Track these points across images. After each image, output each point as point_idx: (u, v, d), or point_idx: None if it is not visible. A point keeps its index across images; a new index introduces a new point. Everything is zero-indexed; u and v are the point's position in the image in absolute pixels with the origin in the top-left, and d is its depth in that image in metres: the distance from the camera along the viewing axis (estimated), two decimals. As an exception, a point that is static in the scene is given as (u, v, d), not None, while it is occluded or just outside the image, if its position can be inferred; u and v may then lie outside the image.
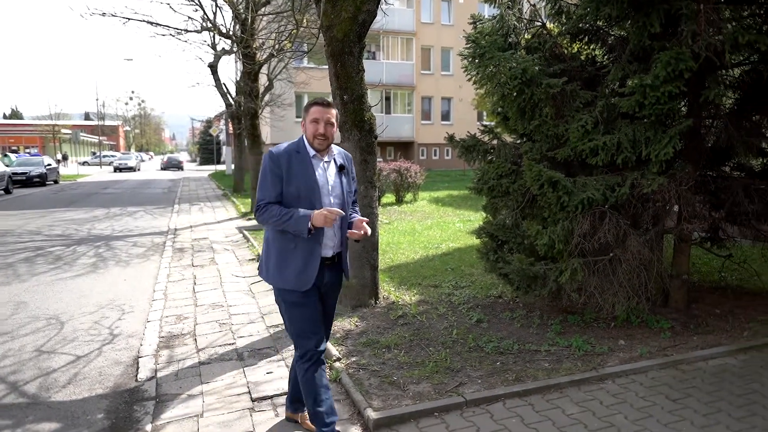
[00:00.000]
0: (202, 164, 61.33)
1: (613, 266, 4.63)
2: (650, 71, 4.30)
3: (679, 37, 4.39)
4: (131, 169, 45.26)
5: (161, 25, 12.56)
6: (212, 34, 15.98)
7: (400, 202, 15.51)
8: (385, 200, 15.49)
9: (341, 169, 3.07)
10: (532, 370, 3.96)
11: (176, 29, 13.07)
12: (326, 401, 2.93)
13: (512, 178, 5.09)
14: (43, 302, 6.21)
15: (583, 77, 5.12)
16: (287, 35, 13.38)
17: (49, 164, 27.48)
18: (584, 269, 4.55)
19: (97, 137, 60.46)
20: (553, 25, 5.49)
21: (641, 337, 4.57)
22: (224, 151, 40.40)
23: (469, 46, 5.15)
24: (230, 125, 26.29)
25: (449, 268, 7.25)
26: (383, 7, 6.52)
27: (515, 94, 4.82)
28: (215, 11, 14.81)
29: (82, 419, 3.53)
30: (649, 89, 4.27)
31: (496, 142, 5.55)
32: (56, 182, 28.41)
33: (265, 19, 14.69)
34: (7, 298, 6.40)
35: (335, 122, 2.98)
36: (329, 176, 3.01)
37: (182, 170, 47.68)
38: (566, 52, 5.36)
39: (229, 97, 19.15)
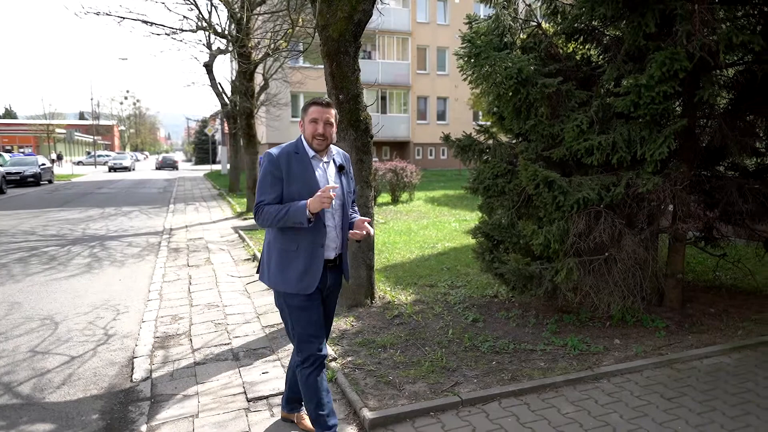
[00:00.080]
0: (197, 164, 61.17)
1: (608, 266, 4.65)
2: (645, 71, 4.32)
3: (673, 37, 4.40)
4: (126, 168, 45.09)
5: (156, 24, 12.49)
6: (207, 33, 15.91)
7: (395, 201, 15.52)
8: (380, 200, 15.49)
9: (341, 169, 3.03)
10: (527, 369, 3.96)
11: (171, 28, 13.00)
12: (328, 405, 2.93)
13: (508, 177, 5.10)
14: (37, 303, 6.19)
15: (578, 77, 5.13)
16: (283, 35, 13.34)
17: (43, 164, 27.36)
18: (580, 269, 4.56)
19: (91, 137, 60.32)
20: (548, 25, 5.50)
21: (636, 336, 4.59)
22: (220, 150, 40.26)
23: (464, 45, 5.15)
24: (226, 125, 26.27)
25: (445, 267, 7.26)
26: (379, 6, 6.53)
27: (511, 93, 4.83)
28: (210, 10, 14.81)
29: (76, 420, 3.52)
30: (644, 89, 4.28)
31: (491, 141, 5.56)
32: (50, 182, 28.30)
33: (260, 18, 14.65)
34: (0, 298, 6.36)
35: (334, 122, 2.92)
36: (329, 177, 2.96)
37: (177, 170, 47.64)
38: (561, 51, 5.38)
39: (224, 96, 19.09)
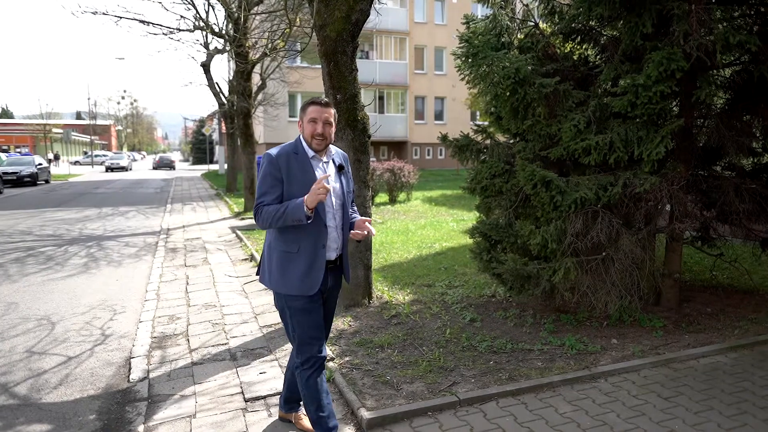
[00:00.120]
0: (194, 164, 61.12)
1: (605, 265, 4.65)
2: (642, 71, 4.33)
3: (670, 37, 4.41)
4: (123, 168, 45.03)
5: (153, 24, 12.48)
6: (205, 33, 15.93)
7: (393, 201, 15.52)
8: (378, 200, 15.50)
9: (340, 169, 3.00)
10: (525, 369, 3.97)
11: (168, 28, 13.00)
12: (328, 406, 2.92)
13: (505, 177, 5.11)
14: (33, 303, 6.17)
15: (575, 77, 5.14)
16: (280, 34, 13.34)
17: (39, 164, 27.33)
18: (577, 268, 4.57)
19: (88, 137, 60.14)
20: (545, 25, 5.51)
21: (634, 335, 4.59)
22: (217, 150, 40.25)
23: (462, 45, 5.16)
24: (223, 125, 26.22)
25: (442, 267, 7.26)
26: (376, 6, 6.53)
27: (508, 93, 4.83)
28: (208, 10, 14.75)
29: (73, 420, 3.51)
30: (641, 89, 4.29)
31: (489, 141, 5.57)
32: (47, 182, 28.26)
33: (257, 18, 14.65)
34: (-3, 298, 6.35)
35: (333, 122, 2.90)
36: (330, 177, 2.92)
37: (174, 170, 47.65)
38: (559, 51, 5.38)
39: (221, 96, 19.09)
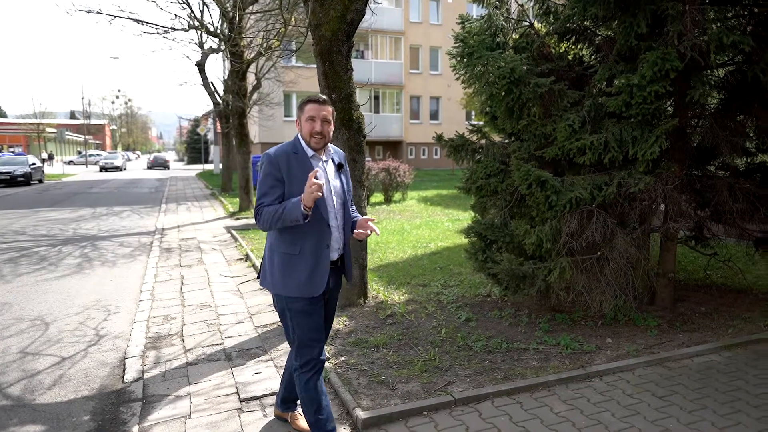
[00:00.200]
0: (189, 163, 60.95)
1: (600, 265, 4.67)
2: (637, 71, 4.34)
3: (665, 37, 4.43)
4: (117, 168, 44.83)
5: (148, 23, 12.44)
6: (199, 32, 15.88)
7: (388, 201, 15.52)
8: (373, 199, 15.49)
9: (340, 167, 2.97)
10: (520, 368, 3.97)
11: (163, 27, 12.96)
12: (326, 408, 2.90)
13: (500, 177, 5.11)
14: (27, 303, 6.13)
15: (570, 77, 5.15)
16: (275, 34, 13.32)
17: (33, 163, 27.16)
18: (572, 268, 4.58)
19: (82, 136, 59.89)
20: (540, 25, 5.52)
21: (628, 335, 4.61)
22: (212, 150, 40.14)
23: (457, 45, 5.16)
24: (218, 124, 26.17)
25: (438, 267, 7.27)
26: (372, 6, 6.52)
27: (503, 93, 4.84)
28: (202, 9, 14.79)
29: (67, 421, 3.49)
30: (635, 89, 4.30)
31: (484, 141, 5.57)
32: (41, 182, 28.11)
33: (252, 17, 14.61)
34: (-10, 299, 6.31)
35: (332, 119, 2.86)
36: (330, 176, 2.90)
37: (168, 169, 47.54)
38: (554, 51, 5.40)
39: (216, 96, 19.03)
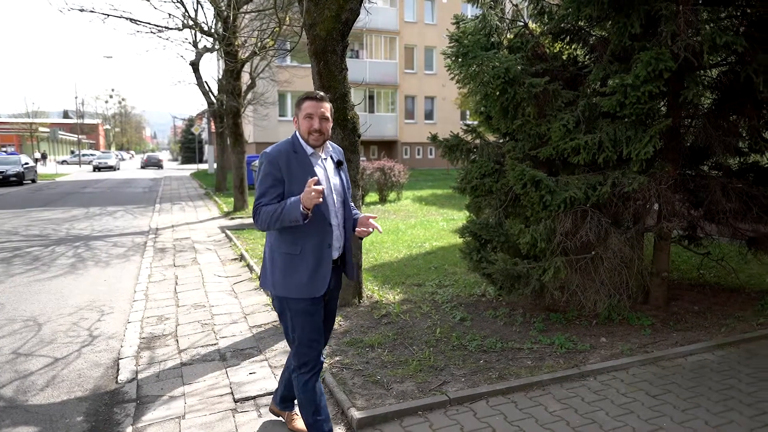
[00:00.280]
0: (183, 163, 60.74)
1: (594, 264, 4.68)
2: (631, 71, 4.36)
3: (658, 37, 4.45)
4: (111, 168, 44.64)
5: (141, 22, 12.38)
6: (194, 31, 15.83)
7: (383, 201, 15.52)
8: (368, 199, 15.49)
9: (339, 165, 2.94)
10: (515, 367, 3.98)
11: (157, 26, 12.89)
12: (324, 409, 2.89)
13: (495, 177, 5.12)
14: (19, 304, 6.09)
15: (564, 77, 5.16)
16: (270, 33, 13.29)
17: (26, 163, 27.02)
18: (566, 268, 4.59)
19: (76, 136, 59.50)
20: (535, 25, 5.53)
21: (622, 334, 4.62)
22: (206, 149, 40.02)
23: (452, 45, 5.16)
24: (212, 124, 26.07)
25: (433, 267, 7.27)
26: (366, 5, 6.52)
27: (498, 93, 4.85)
28: (197, 8, 14.67)
29: (60, 422, 3.47)
30: (629, 89, 4.32)
31: (479, 141, 5.58)
32: (34, 181, 27.95)
33: (247, 16, 14.58)
34: (-18, 299, 6.26)
35: (330, 116, 2.82)
36: (330, 174, 2.86)
37: (162, 168, 47.48)
38: (548, 51, 5.41)
39: (211, 95, 18.97)
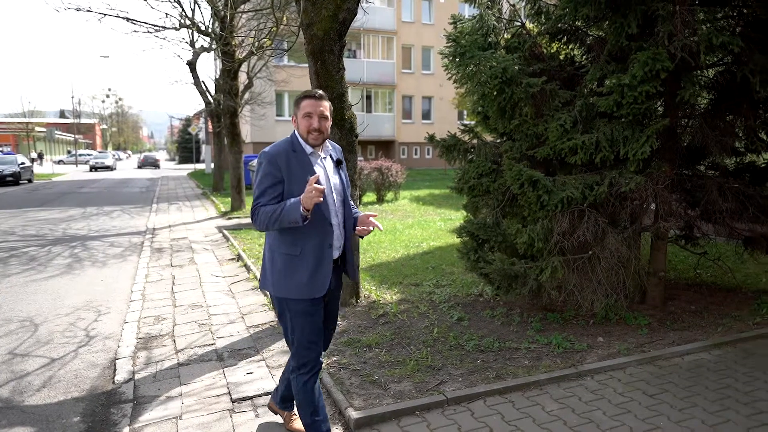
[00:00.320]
0: (180, 163, 60.63)
1: (591, 264, 4.69)
2: (628, 71, 4.36)
3: (655, 37, 4.45)
4: (108, 168, 44.54)
5: (138, 21, 12.37)
6: (191, 31, 15.81)
7: (381, 201, 15.52)
8: (366, 199, 15.48)
9: (338, 163, 2.92)
10: (512, 367, 3.99)
11: (154, 26, 12.88)
12: (322, 410, 2.89)
13: (492, 177, 5.12)
14: (16, 304, 6.07)
15: (562, 77, 5.17)
16: (267, 33, 13.28)
17: (22, 163, 26.95)
18: (564, 267, 4.60)
19: (72, 135, 59.35)
20: (532, 25, 5.53)
21: (619, 333, 4.63)
22: (204, 149, 39.99)
23: (449, 45, 5.16)
24: (209, 123, 26.05)
25: (430, 266, 7.27)
26: (364, 5, 6.52)
27: (495, 93, 4.85)
28: (194, 8, 14.72)
29: (57, 423, 3.46)
30: (626, 89, 4.33)
31: (476, 141, 5.58)
32: (30, 181, 27.88)
33: (244, 16, 14.56)
34: (-22, 299, 6.24)
35: (329, 115, 2.80)
36: (329, 173, 2.84)
37: (159, 168, 47.51)
38: (545, 51, 5.41)
39: (208, 95, 18.96)
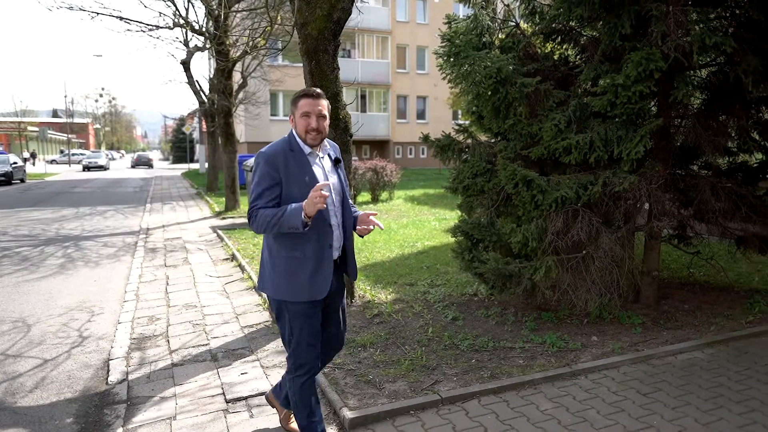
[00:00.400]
0: (174, 162, 60.41)
1: (585, 263, 4.70)
2: (622, 71, 4.38)
3: (649, 37, 4.47)
4: (101, 167, 44.32)
5: (132, 20, 12.31)
6: (184, 30, 15.74)
7: (375, 200, 15.51)
8: (360, 199, 15.47)
9: (337, 162, 2.89)
10: (506, 366, 3.99)
11: (147, 25, 12.81)
12: (318, 411, 2.88)
13: (487, 176, 5.13)
14: (8, 305, 6.03)
15: (556, 77, 5.18)
16: (261, 32, 13.24)
17: (15, 162, 26.79)
18: (558, 267, 4.61)
19: (65, 135, 59.01)
20: (526, 25, 5.54)
21: (613, 332, 4.65)
22: (198, 149, 39.82)
23: (444, 45, 5.17)
24: (204, 123, 25.95)
25: (425, 266, 7.27)
26: (358, 5, 6.51)
27: (490, 93, 4.85)
28: (187, 7, 14.57)
29: (49, 424, 3.44)
30: (620, 89, 4.34)
31: (470, 141, 5.59)
32: (23, 181, 27.72)
33: (238, 15, 14.52)
34: (-30, 300, 6.20)
35: (327, 114, 2.75)
36: (328, 173, 2.81)
37: (152, 168, 47.49)
38: (540, 51, 5.43)
39: (202, 94, 18.87)
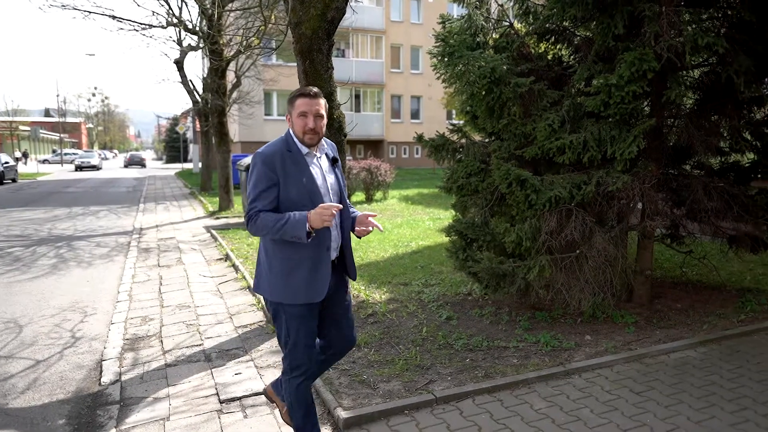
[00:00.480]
0: (168, 162, 60.18)
1: (579, 263, 4.72)
2: (615, 71, 4.40)
3: (642, 38, 4.49)
4: (94, 167, 44.07)
5: (124, 19, 12.23)
6: (178, 29, 15.67)
7: (370, 200, 15.51)
8: (355, 198, 15.47)
9: (334, 161, 2.86)
10: (500, 366, 4.00)
11: (140, 24, 12.75)
12: (313, 412, 2.87)
13: (481, 176, 5.13)
14: (0, 305, 5.99)
15: (549, 77, 5.20)
16: (255, 31, 13.21)
17: (6, 162, 26.61)
18: (551, 266, 4.62)
19: (58, 134, 58.65)
20: (520, 25, 5.55)
21: (606, 332, 4.67)
22: (191, 149, 39.66)
23: (438, 44, 5.17)
24: (197, 123, 25.88)
25: (419, 266, 7.28)
26: (352, 4, 6.50)
27: (484, 92, 4.86)
28: (181, 6, 14.58)
29: (42, 425, 3.42)
30: (613, 89, 4.36)
31: (464, 140, 5.59)
32: (14, 181, 27.52)
33: (232, 14, 14.48)
34: (-39, 301, 6.15)
35: (324, 113, 2.70)
36: (325, 172, 2.78)
37: (145, 167, 47.41)
38: (533, 51, 5.44)
39: (195, 94, 18.81)
